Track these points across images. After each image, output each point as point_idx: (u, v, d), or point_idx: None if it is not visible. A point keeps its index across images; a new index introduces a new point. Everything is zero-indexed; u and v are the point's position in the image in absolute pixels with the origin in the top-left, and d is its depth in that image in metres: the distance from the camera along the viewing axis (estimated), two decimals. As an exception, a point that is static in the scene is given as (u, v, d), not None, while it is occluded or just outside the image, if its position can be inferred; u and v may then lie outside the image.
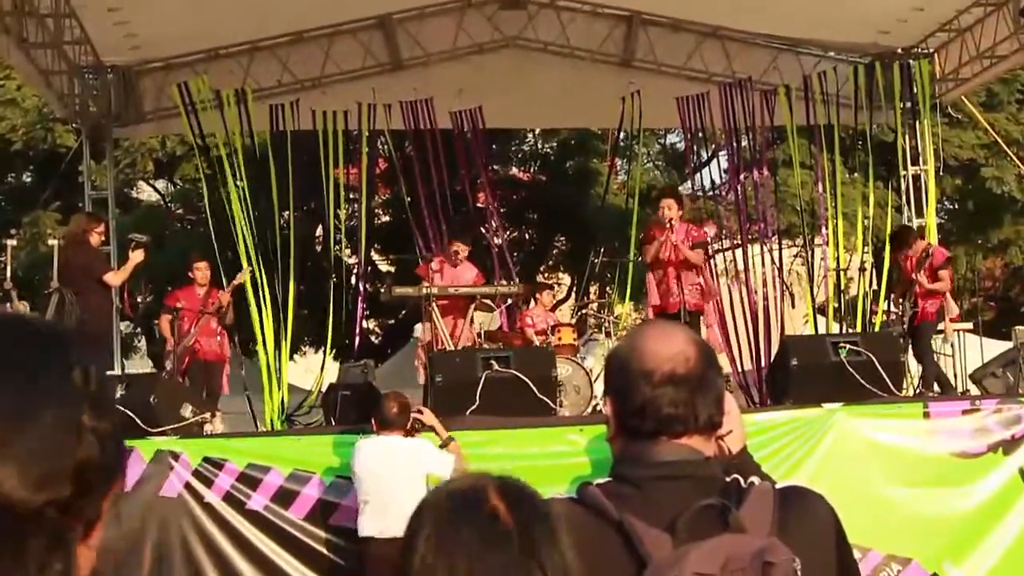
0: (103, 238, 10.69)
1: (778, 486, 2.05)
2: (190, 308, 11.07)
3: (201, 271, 11.28)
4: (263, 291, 11.80)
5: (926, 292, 11.13)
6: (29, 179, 20.80)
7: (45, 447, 1.04)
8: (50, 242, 10.65)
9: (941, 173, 15.68)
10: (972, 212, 20.84)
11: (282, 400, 11.85)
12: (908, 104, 13.89)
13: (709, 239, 11.53)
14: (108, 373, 1.19)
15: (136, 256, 10.43)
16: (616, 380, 2.11)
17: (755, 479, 2.05)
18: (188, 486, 8.33)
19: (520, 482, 1.66)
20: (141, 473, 8.22)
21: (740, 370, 12.29)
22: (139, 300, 14.56)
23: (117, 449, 1.11)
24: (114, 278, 10.33)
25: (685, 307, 10.65)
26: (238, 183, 12.31)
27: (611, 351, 2.23)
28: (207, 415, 9.64)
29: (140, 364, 22.24)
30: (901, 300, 11.36)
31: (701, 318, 10.93)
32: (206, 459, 8.38)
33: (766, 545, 1.91)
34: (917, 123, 13.91)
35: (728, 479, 2.04)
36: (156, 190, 21.97)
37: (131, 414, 8.32)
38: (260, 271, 11.93)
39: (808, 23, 13.55)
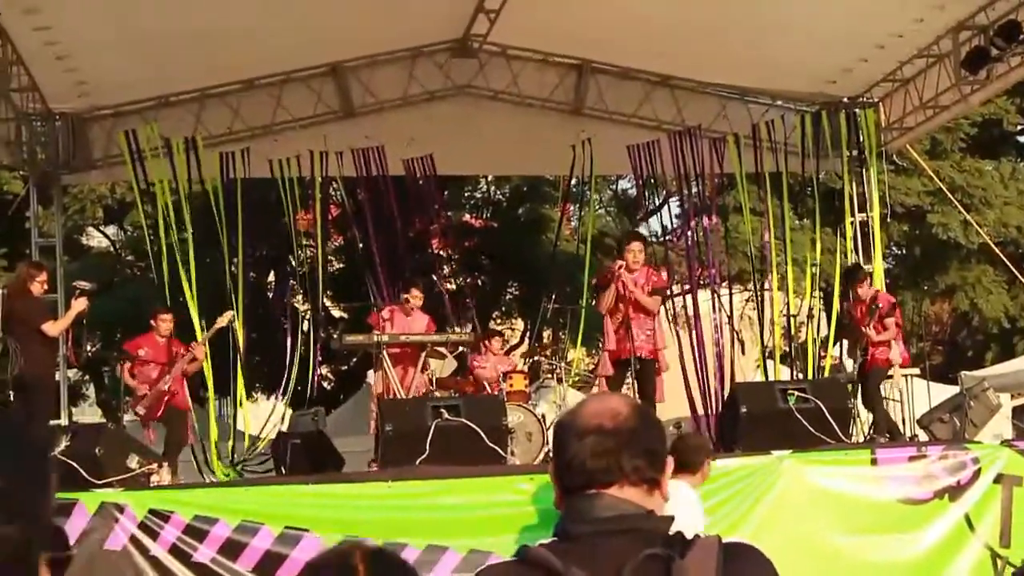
0: (45, 287, 10.53)
1: (723, 540, 2.08)
2: (155, 356, 10.99)
3: (165, 323, 11.23)
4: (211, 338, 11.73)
5: (876, 341, 11.23)
6: (-24, 226, 20.57)
7: None
8: (-6, 291, 10.52)
9: (888, 219, 15.91)
10: (919, 258, 21.14)
11: (231, 448, 11.75)
12: (855, 152, 14.10)
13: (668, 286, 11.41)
14: (16, 474, 1.12)
15: (78, 304, 10.28)
16: (554, 442, 2.17)
17: (700, 532, 2.07)
18: (133, 539, 8.19)
19: (389, 552, 1.78)
20: (85, 526, 8.08)
21: (699, 415, 12.32)
22: (88, 348, 14.39)
23: (27, 555, 1.05)
24: (52, 328, 10.14)
25: (637, 354, 10.52)
26: (185, 231, 12.26)
27: (556, 420, 2.34)
28: (153, 466, 9.54)
29: (89, 412, 21.98)
30: (855, 349, 11.44)
31: (656, 365, 10.80)
32: (152, 511, 8.25)
33: None
34: (864, 170, 14.11)
35: (672, 532, 2.05)
36: (107, 236, 21.80)
37: (76, 465, 8.22)
38: (209, 319, 11.86)
39: (756, 73, 13.75)
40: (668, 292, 12.22)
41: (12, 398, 10.06)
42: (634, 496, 2.05)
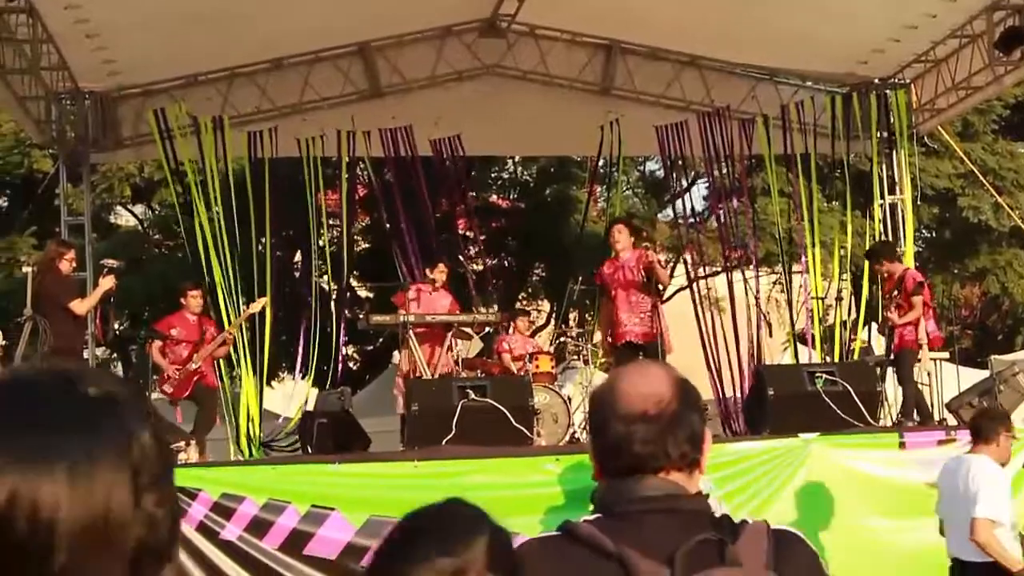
0: (74, 264, 10.57)
1: (771, 527, 2.09)
2: (187, 333, 11.02)
3: (196, 299, 11.22)
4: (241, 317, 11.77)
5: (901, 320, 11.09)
6: (5, 204, 20.71)
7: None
8: (24, 269, 10.56)
9: (918, 202, 15.77)
10: (949, 241, 20.96)
11: (258, 427, 11.80)
12: (885, 134, 13.97)
13: (658, 261, 11.09)
14: (169, 442, 1.05)
15: (106, 282, 10.29)
16: (594, 420, 2.17)
17: (747, 517, 2.10)
18: (161, 516, 8.24)
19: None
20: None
21: (721, 398, 12.28)
22: (115, 326, 14.47)
23: (171, 531, 1.00)
24: (80, 306, 10.16)
25: (631, 339, 10.41)
26: (214, 210, 12.29)
27: (593, 392, 2.27)
28: (182, 444, 9.59)
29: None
30: (884, 324, 11.31)
31: (660, 348, 10.35)
32: (179, 489, 8.27)
33: None
34: (894, 152, 13.99)
35: (717, 515, 2.08)
36: (134, 215, 21.89)
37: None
38: (238, 297, 11.90)
39: (786, 53, 13.64)
40: (663, 263, 12.07)
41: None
42: (679, 479, 2.08)
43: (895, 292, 10.89)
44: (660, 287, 10.86)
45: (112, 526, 0.93)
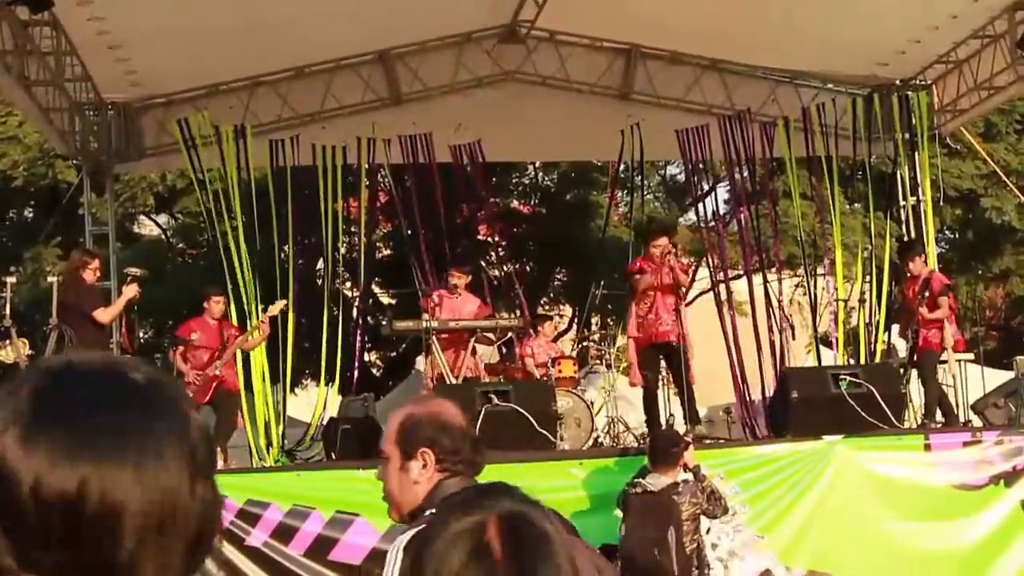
0: (98, 274, 10.64)
1: None
2: (207, 339, 11.07)
3: (218, 304, 11.27)
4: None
5: (928, 320, 11.06)
6: (30, 215, 20.85)
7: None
8: (50, 279, 10.64)
9: (941, 203, 15.71)
10: (972, 242, 20.86)
11: (282, 434, 11.84)
12: (907, 135, 13.93)
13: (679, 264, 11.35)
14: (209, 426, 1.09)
15: (129, 291, 10.35)
16: None
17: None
18: (187, 523, 8.29)
19: (525, 514, 1.60)
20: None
21: (744, 401, 12.25)
22: (139, 334, 14.56)
23: (219, 517, 1.02)
24: (104, 314, 10.22)
25: (668, 339, 10.55)
26: (232, 219, 12.36)
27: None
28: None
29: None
30: (907, 331, 11.29)
31: (686, 350, 10.71)
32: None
33: None
34: (916, 154, 13.94)
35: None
36: (157, 224, 22.02)
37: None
38: (257, 305, 11.96)
39: (807, 56, 13.61)
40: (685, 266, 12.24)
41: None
42: None
43: (924, 293, 10.86)
44: (683, 289, 10.98)
45: (176, 511, 0.94)
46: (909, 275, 11.40)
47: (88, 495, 0.89)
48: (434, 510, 2.43)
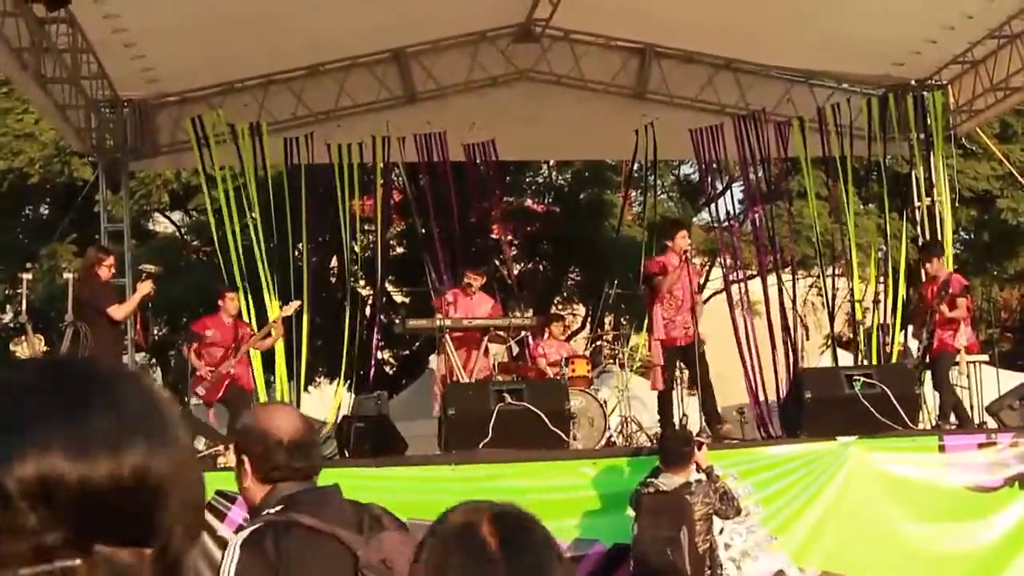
0: (113, 271, 10.68)
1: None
2: (222, 336, 11.11)
3: (233, 302, 11.33)
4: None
5: (944, 321, 11.00)
6: (46, 212, 20.91)
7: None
8: (65, 275, 10.66)
9: (956, 204, 15.65)
10: (988, 243, 20.76)
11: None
12: (922, 136, 13.88)
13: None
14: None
15: (143, 287, 10.39)
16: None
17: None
18: (201, 519, 8.30)
19: (517, 512, 1.67)
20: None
21: (758, 402, 12.23)
22: (154, 331, 14.58)
23: (203, 484, 1.13)
24: (118, 311, 10.25)
25: (690, 342, 10.58)
26: (252, 216, 12.38)
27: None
28: (221, 448, 9.65)
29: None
30: (922, 331, 11.24)
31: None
32: (218, 492, 8.36)
33: None
34: (931, 154, 13.89)
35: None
36: (172, 221, 22.06)
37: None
38: (272, 301, 11.99)
39: (822, 55, 13.58)
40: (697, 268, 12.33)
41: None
42: None
43: (943, 293, 10.82)
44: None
45: (191, 478, 1.05)
46: (927, 276, 11.36)
47: (141, 480, 0.99)
48: (273, 509, 2.87)
